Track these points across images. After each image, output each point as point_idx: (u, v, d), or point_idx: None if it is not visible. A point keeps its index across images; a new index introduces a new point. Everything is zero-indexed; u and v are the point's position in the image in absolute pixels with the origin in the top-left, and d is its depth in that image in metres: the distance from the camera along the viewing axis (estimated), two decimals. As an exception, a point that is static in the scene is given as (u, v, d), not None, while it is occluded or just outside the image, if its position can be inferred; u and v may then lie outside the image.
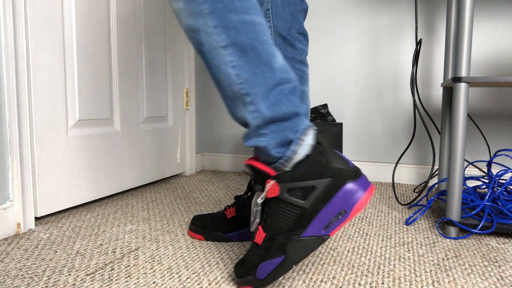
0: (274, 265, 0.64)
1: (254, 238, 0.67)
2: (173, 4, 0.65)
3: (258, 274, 0.65)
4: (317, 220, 0.63)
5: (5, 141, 0.96)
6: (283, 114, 0.65)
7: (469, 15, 0.94)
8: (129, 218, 1.11)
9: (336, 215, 0.63)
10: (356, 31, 1.66)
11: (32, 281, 0.73)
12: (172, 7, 0.66)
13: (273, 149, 0.65)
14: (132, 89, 1.41)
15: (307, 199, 0.63)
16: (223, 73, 0.64)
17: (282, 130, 0.65)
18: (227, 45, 0.63)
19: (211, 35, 0.63)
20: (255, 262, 0.66)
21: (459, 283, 0.74)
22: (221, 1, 0.63)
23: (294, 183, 0.64)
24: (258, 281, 0.65)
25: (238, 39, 0.63)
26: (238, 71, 0.63)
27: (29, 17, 1.01)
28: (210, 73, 0.67)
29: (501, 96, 1.50)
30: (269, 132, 0.65)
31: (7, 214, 0.96)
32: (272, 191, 0.64)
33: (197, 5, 0.63)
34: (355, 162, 1.69)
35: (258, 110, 0.64)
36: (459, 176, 0.97)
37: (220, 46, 0.63)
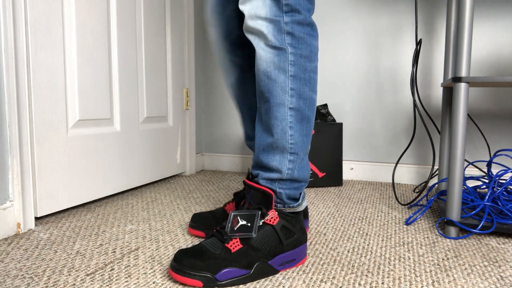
0: (237, 274, 0.72)
1: (226, 242, 0.74)
2: (266, 49, 0.75)
3: (219, 276, 0.71)
4: (281, 257, 0.78)
5: (5, 141, 0.96)
6: (303, 178, 0.82)
7: (469, 15, 0.94)
8: (129, 218, 1.11)
9: (289, 260, 0.79)
10: (356, 31, 1.66)
11: (32, 281, 0.73)
12: (263, 50, 0.76)
13: (285, 197, 0.81)
14: (132, 89, 1.41)
15: (288, 239, 0.78)
16: (280, 127, 0.77)
17: (297, 188, 0.82)
18: (293, 108, 0.77)
19: (285, 93, 0.76)
20: (221, 264, 0.71)
21: (459, 283, 0.74)
22: (304, 72, 0.77)
23: (287, 223, 0.79)
24: (215, 281, 0.70)
25: (303, 109, 0.78)
26: (293, 132, 0.78)
27: (29, 17, 1.01)
28: (267, 115, 0.78)
29: (501, 96, 1.50)
30: (289, 185, 0.81)
31: (7, 214, 0.96)
32: (273, 220, 0.77)
33: (286, 63, 0.75)
34: (355, 162, 1.69)
35: (293, 168, 0.80)
36: (459, 176, 0.97)
37: (288, 106, 0.77)
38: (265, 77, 0.76)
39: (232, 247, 0.73)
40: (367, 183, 1.63)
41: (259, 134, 0.81)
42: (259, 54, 0.76)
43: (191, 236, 0.97)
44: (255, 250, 0.74)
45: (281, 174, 0.79)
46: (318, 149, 1.53)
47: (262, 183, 0.80)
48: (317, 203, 1.30)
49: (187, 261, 0.71)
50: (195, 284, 0.70)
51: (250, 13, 0.75)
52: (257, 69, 0.78)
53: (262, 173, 0.80)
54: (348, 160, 1.71)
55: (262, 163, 0.80)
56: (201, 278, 0.69)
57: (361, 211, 1.21)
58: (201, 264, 0.71)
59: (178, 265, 0.71)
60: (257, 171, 0.82)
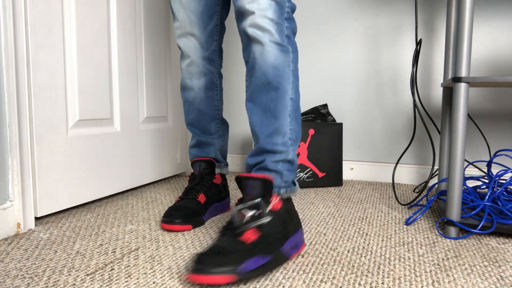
0: (261, 262, 0.74)
1: (239, 236, 0.76)
2: (273, 46, 0.84)
3: (244, 267, 0.70)
4: (289, 241, 0.81)
5: (5, 141, 0.96)
6: (296, 164, 0.91)
7: (469, 15, 0.94)
8: (129, 218, 1.11)
9: (294, 245, 0.82)
10: (356, 31, 1.66)
11: (32, 281, 0.73)
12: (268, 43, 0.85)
13: (290, 178, 0.88)
14: (132, 89, 1.41)
15: (291, 223, 0.83)
16: (285, 114, 0.87)
17: (295, 171, 0.91)
18: (292, 99, 0.88)
19: (289, 85, 0.87)
20: (243, 256, 0.71)
21: (459, 283, 0.74)
22: (297, 71, 0.90)
23: (288, 207, 0.84)
24: (240, 274, 0.70)
25: (297, 101, 0.90)
26: (291, 120, 0.88)
27: (29, 17, 1.01)
28: (274, 102, 0.87)
29: (501, 96, 1.50)
30: (291, 167, 0.88)
31: (7, 214, 0.96)
32: (276, 205, 0.81)
33: (289, 59, 0.87)
34: (355, 162, 1.69)
35: (293, 151, 0.89)
36: (459, 176, 0.97)
37: (290, 96, 0.87)
38: (274, 69, 0.85)
39: (247, 239, 0.75)
40: (367, 183, 1.63)
41: (262, 121, 0.87)
42: (267, 49, 0.84)
43: (191, 236, 0.97)
44: (268, 237, 0.77)
45: (286, 155, 0.87)
46: (318, 149, 1.53)
47: (270, 166, 0.86)
48: (317, 203, 1.30)
49: (210, 260, 0.69)
50: (225, 280, 0.68)
51: (259, 13, 0.83)
52: (263, 61, 0.85)
53: (269, 157, 0.86)
54: (348, 160, 1.71)
55: (266, 149, 0.86)
56: (229, 272, 0.68)
57: (361, 211, 1.21)
58: (224, 260, 0.70)
59: (201, 266, 0.68)
60: (262, 157, 0.87)
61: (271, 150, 0.86)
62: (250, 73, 0.88)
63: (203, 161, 1.14)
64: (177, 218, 1.00)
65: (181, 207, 1.04)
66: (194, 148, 1.18)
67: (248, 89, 0.90)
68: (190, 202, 1.06)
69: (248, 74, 0.89)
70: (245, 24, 0.85)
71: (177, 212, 1.02)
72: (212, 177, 1.14)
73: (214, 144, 1.17)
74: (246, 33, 0.85)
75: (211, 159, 1.14)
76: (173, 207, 1.04)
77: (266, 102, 0.86)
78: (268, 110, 0.86)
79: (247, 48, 0.88)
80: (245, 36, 0.86)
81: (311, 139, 1.52)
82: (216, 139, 1.17)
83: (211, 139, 1.16)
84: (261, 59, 0.85)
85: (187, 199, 1.07)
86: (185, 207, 1.04)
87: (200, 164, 1.13)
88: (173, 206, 1.05)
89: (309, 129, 1.52)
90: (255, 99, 0.87)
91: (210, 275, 0.68)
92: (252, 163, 0.89)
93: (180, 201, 1.08)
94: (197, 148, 1.17)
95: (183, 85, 1.12)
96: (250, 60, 0.87)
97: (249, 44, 0.86)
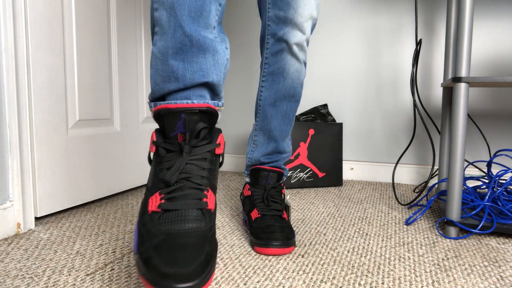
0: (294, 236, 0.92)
1: (283, 215, 0.95)
2: (300, 63, 0.99)
3: (294, 236, 0.90)
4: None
5: (5, 141, 0.96)
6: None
7: (469, 15, 0.94)
8: (129, 218, 1.11)
9: None
10: (356, 31, 1.66)
11: (32, 281, 0.73)
12: None
13: (286, 172, 1.07)
14: (132, 89, 1.41)
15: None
16: (293, 121, 1.03)
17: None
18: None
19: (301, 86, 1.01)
20: (291, 229, 0.91)
21: (459, 283, 0.74)
22: None
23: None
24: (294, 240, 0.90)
25: None
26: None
27: (29, 17, 1.01)
28: (293, 111, 1.01)
29: (501, 96, 1.50)
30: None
31: (7, 214, 0.96)
32: (284, 191, 1.02)
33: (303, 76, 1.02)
34: (355, 162, 1.69)
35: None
36: (459, 176, 0.97)
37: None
38: (301, 85, 0.98)
39: (285, 217, 0.95)
40: (367, 183, 1.63)
41: (281, 126, 1.00)
42: (302, 68, 0.97)
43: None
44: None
45: (290, 154, 1.05)
46: (318, 149, 1.53)
47: (282, 163, 1.03)
48: (317, 203, 1.30)
49: (288, 235, 0.87)
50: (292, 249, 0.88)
51: (307, 35, 0.94)
52: (296, 77, 0.97)
53: (282, 157, 1.02)
54: (348, 160, 1.71)
55: (280, 149, 1.01)
56: (294, 242, 0.89)
57: (361, 211, 1.21)
58: (291, 233, 0.88)
59: (281, 241, 0.85)
60: (277, 157, 1.02)
61: (284, 151, 1.02)
62: (276, 78, 0.96)
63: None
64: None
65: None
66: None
67: (269, 92, 0.98)
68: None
69: (270, 78, 0.97)
70: (292, 39, 0.92)
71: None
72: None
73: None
74: (289, 46, 0.92)
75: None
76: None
77: (286, 110, 0.98)
78: (287, 117, 0.99)
79: (278, 55, 0.94)
80: (285, 46, 0.93)
81: (311, 139, 1.52)
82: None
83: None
84: (295, 75, 0.96)
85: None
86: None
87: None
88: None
89: (309, 129, 1.52)
90: (278, 105, 0.98)
91: (289, 247, 0.86)
92: (266, 161, 1.02)
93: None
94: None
95: None
96: (279, 68, 0.95)
97: (285, 54, 0.94)
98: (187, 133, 0.62)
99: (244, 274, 0.77)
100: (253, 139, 1.03)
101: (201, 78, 0.65)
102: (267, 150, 1.01)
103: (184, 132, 0.62)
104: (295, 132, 1.51)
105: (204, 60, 0.65)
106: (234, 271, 0.78)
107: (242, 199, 1.04)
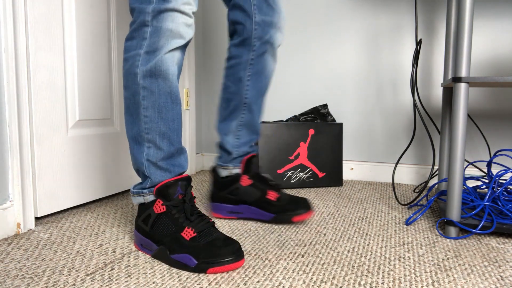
0: None
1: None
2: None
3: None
4: None
5: (5, 141, 0.96)
6: None
7: (469, 15, 0.94)
8: (129, 218, 1.11)
9: None
10: (356, 31, 1.66)
11: (32, 281, 0.73)
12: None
13: None
14: (132, 89, 1.41)
15: None
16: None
17: None
18: None
19: None
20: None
21: (459, 283, 0.74)
22: None
23: None
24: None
25: None
26: None
27: (29, 17, 1.01)
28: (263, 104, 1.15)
29: (501, 96, 1.50)
30: None
31: (7, 214, 0.96)
32: None
33: None
34: (355, 162, 1.69)
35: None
36: (459, 176, 0.97)
37: None
38: (271, 81, 1.13)
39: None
40: (367, 183, 1.63)
41: (260, 118, 1.13)
42: (274, 66, 1.10)
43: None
44: None
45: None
46: (318, 149, 1.53)
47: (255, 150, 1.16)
48: (317, 203, 1.30)
49: (305, 204, 1.05)
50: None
51: (282, 41, 1.09)
52: (272, 74, 1.11)
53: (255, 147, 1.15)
54: (348, 160, 1.71)
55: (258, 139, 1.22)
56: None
57: (361, 211, 1.21)
58: (307, 203, 1.06)
59: (305, 208, 1.04)
60: (255, 147, 1.15)
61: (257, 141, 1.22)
62: (259, 77, 1.07)
63: None
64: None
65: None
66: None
67: (254, 90, 1.08)
68: None
69: (254, 77, 1.06)
70: (276, 41, 1.06)
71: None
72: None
73: None
74: (273, 48, 1.06)
75: None
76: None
77: (263, 106, 1.12)
78: (262, 111, 1.13)
79: (263, 56, 1.05)
80: (269, 48, 1.05)
81: (311, 139, 1.52)
82: None
83: None
84: (271, 73, 1.10)
85: None
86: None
87: None
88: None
89: (309, 129, 1.52)
90: (260, 101, 1.10)
91: (311, 211, 1.05)
92: (249, 149, 1.13)
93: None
94: None
95: None
96: (262, 68, 1.06)
97: (267, 55, 1.06)
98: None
99: (244, 274, 0.77)
100: (237, 134, 1.11)
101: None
102: (252, 141, 1.14)
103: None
104: (295, 132, 1.51)
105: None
106: (234, 271, 0.78)
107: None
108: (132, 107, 0.84)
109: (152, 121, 0.83)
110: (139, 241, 0.87)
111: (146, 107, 0.82)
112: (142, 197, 0.87)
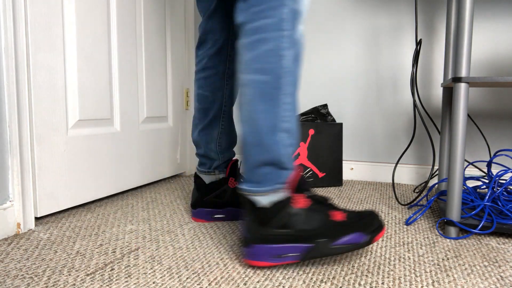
0: None
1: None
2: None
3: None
4: None
5: (5, 141, 0.96)
6: None
7: (469, 15, 0.94)
8: (129, 218, 1.11)
9: None
10: (356, 31, 1.66)
11: (32, 281, 0.73)
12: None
13: None
14: (132, 89, 1.41)
15: None
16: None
17: None
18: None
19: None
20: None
21: (459, 283, 0.74)
22: None
23: None
24: None
25: None
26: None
27: (29, 17, 1.01)
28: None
29: (501, 96, 1.50)
30: None
31: (7, 214, 0.96)
32: None
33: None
34: (355, 162, 1.69)
35: None
36: (459, 176, 0.97)
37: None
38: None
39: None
40: (367, 183, 1.63)
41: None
42: None
43: (191, 236, 0.97)
44: None
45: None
46: (318, 149, 1.53)
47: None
48: (317, 203, 1.30)
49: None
50: None
51: None
52: None
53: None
54: (348, 160, 1.71)
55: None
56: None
57: (361, 211, 1.21)
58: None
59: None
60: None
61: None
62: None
63: None
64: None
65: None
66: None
67: (232, 98, 1.10)
68: None
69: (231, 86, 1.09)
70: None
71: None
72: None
73: None
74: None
75: None
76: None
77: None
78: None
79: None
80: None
81: (311, 139, 1.52)
82: None
83: None
84: None
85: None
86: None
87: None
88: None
89: (309, 129, 1.52)
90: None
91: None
92: (232, 155, 1.13)
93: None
94: None
95: None
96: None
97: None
98: None
99: (244, 274, 0.77)
100: (219, 142, 1.11)
101: None
102: (233, 145, 1.15)
103: None
104: (295, 132, 1.51)
105: None
106: (234, 271, 0.78)
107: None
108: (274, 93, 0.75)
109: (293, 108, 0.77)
110: (275, 252, 0.74)
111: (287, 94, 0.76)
112: (279, 194, 0.73)
